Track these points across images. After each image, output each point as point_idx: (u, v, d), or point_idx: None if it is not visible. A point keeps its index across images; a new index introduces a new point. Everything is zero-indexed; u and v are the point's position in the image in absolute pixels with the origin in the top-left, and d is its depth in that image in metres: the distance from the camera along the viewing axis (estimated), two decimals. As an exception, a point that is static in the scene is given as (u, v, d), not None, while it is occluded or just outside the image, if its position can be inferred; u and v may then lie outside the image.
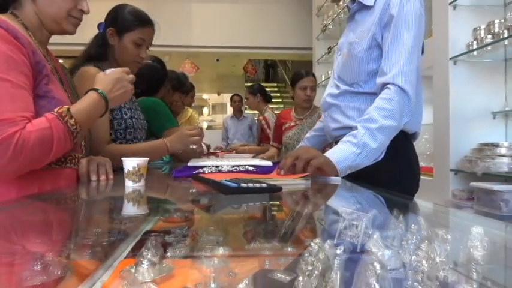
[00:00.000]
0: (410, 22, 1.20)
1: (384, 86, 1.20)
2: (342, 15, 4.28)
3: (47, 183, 1.02)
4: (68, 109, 0.98)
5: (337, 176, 1.12)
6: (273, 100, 4.37)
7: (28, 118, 0.92)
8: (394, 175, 1.25)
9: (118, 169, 1.13)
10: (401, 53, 1.19)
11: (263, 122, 3.92)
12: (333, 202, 0.94)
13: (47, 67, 1.02)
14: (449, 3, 2.37)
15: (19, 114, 0.91)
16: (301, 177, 1.04)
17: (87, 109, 1.03)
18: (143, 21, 1.52)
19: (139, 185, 0.97)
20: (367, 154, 1.14)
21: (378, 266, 0.28)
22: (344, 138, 1.17)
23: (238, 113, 4.91)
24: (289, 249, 0.51)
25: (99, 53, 1.51)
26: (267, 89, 4.47)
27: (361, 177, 1.15)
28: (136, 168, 0.95)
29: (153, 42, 1.62)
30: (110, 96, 1.08)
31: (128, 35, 1.49)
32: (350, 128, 1.32)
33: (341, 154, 1.12)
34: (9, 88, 0.91)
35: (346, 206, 0.89)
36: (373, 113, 1.17)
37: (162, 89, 2.27)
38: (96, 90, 1.06)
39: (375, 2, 1.30)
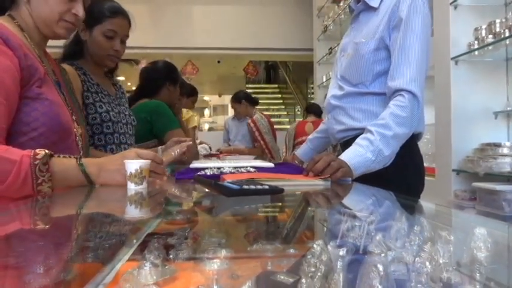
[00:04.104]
0: (419, 25, 1.21)
1: (396, 91, 1.22)
2: (343, 15, 4.29)
3: None
4: (48, 155, 0.92)
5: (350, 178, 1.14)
6: (273, 102, 4.37)
7: None
8: (401, 174, 1.26)
9: None
10: (412, 58, 1.20)
11: (252, 125, 3.95)
12: (336, 203, 0.94)
13: (39, 70, 1.01)
14: (450, 3, 2.37)
15: None
16: (322, 178, 1.06)
17: (64, 168, 0.96)
18: (112, 12, 1.45)
19: (142, 188, 0.97)
20: (380, 160, 1.17)
21: (381, 268, 0.28)
22: (361, 142, 1.18)
23: (239, 115, 4.91)
24: (292, 250, 0.51)
25: (74, 50, 1.48)
26: (268, 90, 4.50)
27: (369, 177, 1.16)
28: (139, 171, 0.95)
29: (154, 45, 1.60)
30: (99, 171, 0.99)
31: (98, 27, 1.44)
32: (355, 130, 1.32)
33: (359, 160, 1.14)
34: None
35: (349, 207, 0.89)
36: (388, 119, 1.18)
37: (163, 90, 2.24)
38: (78, 158, 1.01)
39: (379, 4, 1.31)
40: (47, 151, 0.93)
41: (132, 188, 0.96)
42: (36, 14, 1.05)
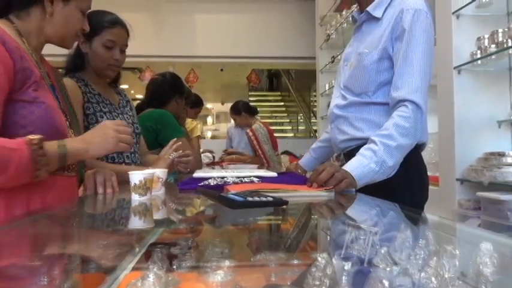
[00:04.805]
0: (422, 36, 1.22)
1: (399, 101, 1.22)
2: (345, 24, 4.30)
3: (48, 191, 1.02)
4: (41, 140, 0.93)
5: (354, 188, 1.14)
6: (276, 109, 4.36)
7: None
8: (405, 184, 1.26)
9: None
10: (415, 68, 1.21)
11: (250, 134, 3.95)
12: (340, 214, 0.93)
13: (35, 73, 1.02)
14: (453, 13, 2.37)
15: None
16: (326, 189, 1.06)
17: (53, 149, 0.98)
18: (109, 23, 1.49)
19: (146, 198, 0.97)
20: (383, 171, 1.16)
21: (386, 284, 0.28)
22: (365, 153, 1.18)
23: (239, 125, 4.91)
24: (296, 261, 0.50)
25: (75, 63, 1.52)
26: (271, 98, 4.50)
27: (373, 187, 1.15)
28: (143, 182, 0.95)
29: (157, 53, 1.61)
30: (86, 145, 1.04)
31: (97, 38, 1.47)
32: (358, 140, 1.32)
33: (363, 171, 1.14)
34: None
35: (354, 218, 0.88)
36: (391, 129, 1.18)
37: (172, 102, 2.31)
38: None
39: (383, 15, 1.32)
40: (39, 136, 0.93)
41: (136, 199, 0.96)
42: (55, 30, 1.09)
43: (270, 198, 0.84)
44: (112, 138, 1.07)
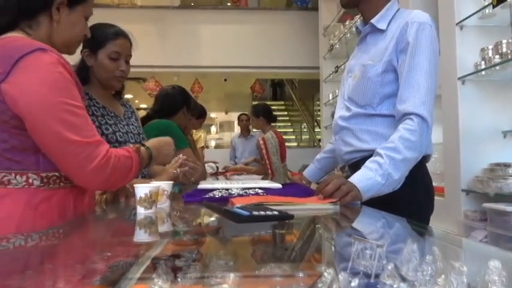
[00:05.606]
0: (427, 49, 1.22)
1: (405, 114, 1.21)
2: (349, 35, 4.33)
3: (85, 197, 1.09)
4: (140, 147, 1.11)
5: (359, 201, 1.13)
6: (280, 119, 4.36)
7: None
8: (411, 196, 1.25)
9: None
10: (420, 81, 1.21)
11: (261, 142, 3.93)
12: (346, 228, 0.93)
13: (82, 91, 1.05)
14: (456, 24, 2.38)
15: (100, 137, 1.01)
16: (331, 202, 1.06)
17: (145, 154, 1.13)
18: (113, 34, 1.50)
19: (151, 212, 0.97)
20: (389, 184, 1.16)
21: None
22: (371, 166, 1.17)
23: (245, 132, 4.92)
24: (301, 274, 0.50)
25: (81, 77, 1.51)
26: (274, 107, 4.46)
27: (379, 198, 1.15)
28: (148, 195, 0.95)
29: (162, 63, 1.63)
30: (157, 154, 1.20)
31: (102, 51, 1.48)
32: (363, 152, 1.32)
33: (368, 183, 1.13)
34: (86, 114, 1.00)
35: (359, 232, 0.88)
36: (397, 142, 1.17)
37: (180, 113, 2.38)
38: (143, 145, 1.17)
39: (387, 27, 1.33)
40: (137, 145, 1.12)
41: (141, 212, 0.96)
42: (60, 35, 1.08)
43: (276, 212, 0.83)
44: (171, 157, 1.26)
